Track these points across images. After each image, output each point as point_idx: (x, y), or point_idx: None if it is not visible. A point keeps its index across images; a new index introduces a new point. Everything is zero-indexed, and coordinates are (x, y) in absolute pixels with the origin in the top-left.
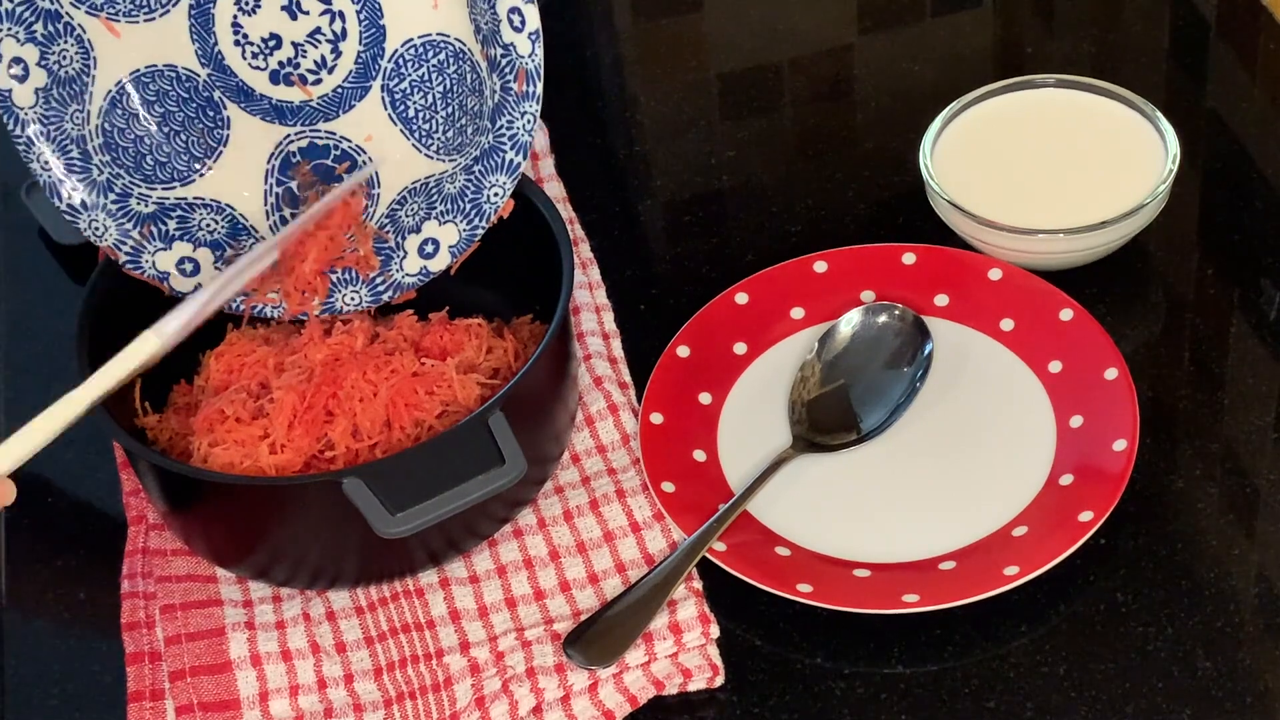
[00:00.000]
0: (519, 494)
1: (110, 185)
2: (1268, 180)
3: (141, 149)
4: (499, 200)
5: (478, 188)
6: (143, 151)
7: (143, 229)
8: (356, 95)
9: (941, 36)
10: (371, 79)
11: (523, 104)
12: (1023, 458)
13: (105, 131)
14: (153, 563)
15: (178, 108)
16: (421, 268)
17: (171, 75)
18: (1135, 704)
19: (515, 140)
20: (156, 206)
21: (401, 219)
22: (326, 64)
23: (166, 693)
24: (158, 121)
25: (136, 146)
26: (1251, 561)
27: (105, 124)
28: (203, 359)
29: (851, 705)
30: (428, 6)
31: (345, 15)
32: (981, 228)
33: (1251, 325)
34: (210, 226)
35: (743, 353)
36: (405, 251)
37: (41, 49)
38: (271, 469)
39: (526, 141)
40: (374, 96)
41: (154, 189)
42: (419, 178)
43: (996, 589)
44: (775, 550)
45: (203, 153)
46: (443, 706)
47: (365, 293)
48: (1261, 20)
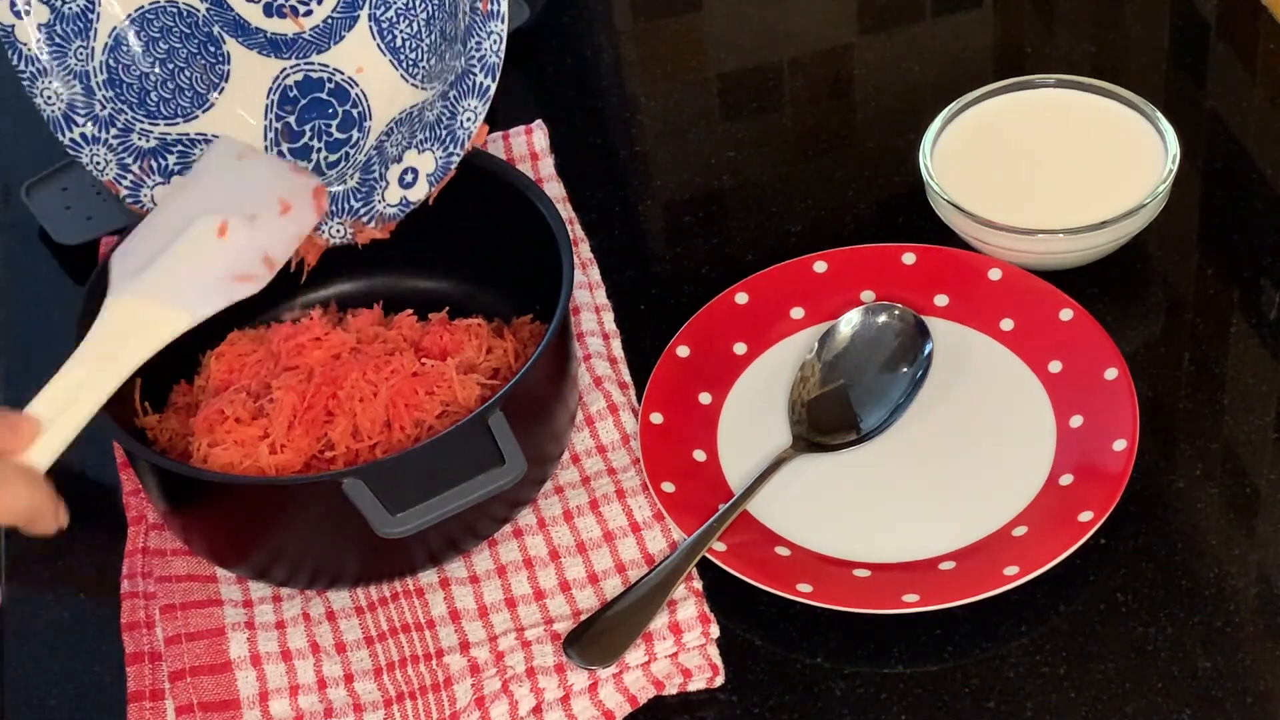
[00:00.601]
0: (519, 494)
1: (113, 120)
2: (1268, 180)
3: (145, 85)
4: (472, 126)
5: (452, 113)
6: (146, 88)
7: (143, 163)
8: (345, 25)
9: (941, 36)
10: (359, 8)
11: (489, 23)
12: (1023, 458)
13: (109, 68)
14: (153, 563)
15: (180, 44)
16: (401, 198)
17: (173, 11)
18: (1135, 704)
19: (484, 62)
20: (158, 142)
21: (387, 150)
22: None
23: (166, 693)
24: (161, 59)
25: (140, 83)
26: (1251, 561)
27: (110, 60)
28: (203, 359)
29: (851, 705)
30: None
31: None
32: (981, 228)
33: (1251, 325)
34: None
35: (743, 353)
36: (387, 182)
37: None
38: (271, 469)
39: (495, 63)
40: (362, 26)
41: (156, 124)
42: (405, 107)
43: (996, 589)
44: (775, 550)
45: (205, 89)
46: (443, 706)
47: (349, 224)
48: (1261, 20)
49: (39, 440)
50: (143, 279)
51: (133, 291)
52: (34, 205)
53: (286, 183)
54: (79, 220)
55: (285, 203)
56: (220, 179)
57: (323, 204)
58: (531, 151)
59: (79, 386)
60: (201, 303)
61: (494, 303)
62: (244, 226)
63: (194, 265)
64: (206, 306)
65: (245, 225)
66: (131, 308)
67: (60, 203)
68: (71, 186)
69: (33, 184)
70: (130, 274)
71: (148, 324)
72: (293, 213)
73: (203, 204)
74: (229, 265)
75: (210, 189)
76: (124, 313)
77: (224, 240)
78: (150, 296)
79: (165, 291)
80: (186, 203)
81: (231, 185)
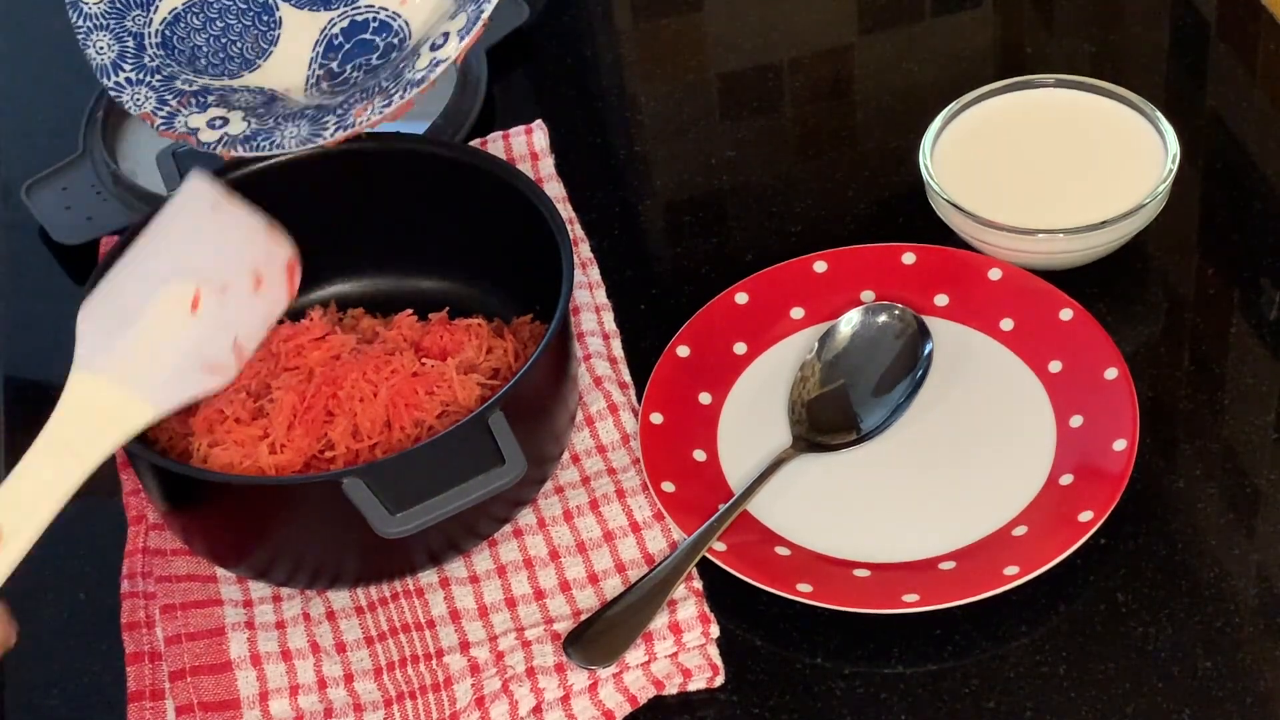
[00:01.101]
0: (519, 494)
1: (159, 70)
2: (1268, 180)
3: (197, 53)
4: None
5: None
6: (197, 56)
7: (182, 99)
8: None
9: (941, 36)
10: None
11: None
12: (1023, 458)
13: (165, 36)
14: (153, 563)
15: (235, 20)
16: (431, 60)
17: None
18: (1135, 704)
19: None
20: (200, 88)
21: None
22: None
23: (166, 693)
24: (215, 35)
25: (192, 51)
26: (1251, 561)
27: (165, 31)
28: None
29: (851, 705)
30: None
31: None
32: (981, 228)
33: (1251, 325)
34: (248, 100)
35: (743, 353)
36: (418, 54)
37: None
38: (271, 469)
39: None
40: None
41: (201, 78)
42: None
43: (996, 589)
44: (775, 550)
45: (255, 55)
46: (443, 706)
47: (379, 103)
48: (1261, 20)
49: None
50: (111, 354)
51: (96, 369)
52: (34, 205)
53: (260, 250)
54: (79, 220)
55: (258, 275)
56: (193, 236)
57: (295, 283)
58: (531, 151)
59: (40, 487)
60: (167, 395)
61: (494, 303)
62: (215, 299)
63: (163, 344)
64: (172, 399)
65: (216, 298)
66: (94, 387)
67: (60, 203)
68: (71, 186)
69: (33, 184)
70: (98, 344)
71: (110, 412)
72: (264, 290)
73: (173, 264)
74: (199, 348)
75: (182, 247)
76: (87, 392)
77: (194, 316)
78: (115, 378)
79: (130, 373)
80: (158, 261)
81: (204, 246)
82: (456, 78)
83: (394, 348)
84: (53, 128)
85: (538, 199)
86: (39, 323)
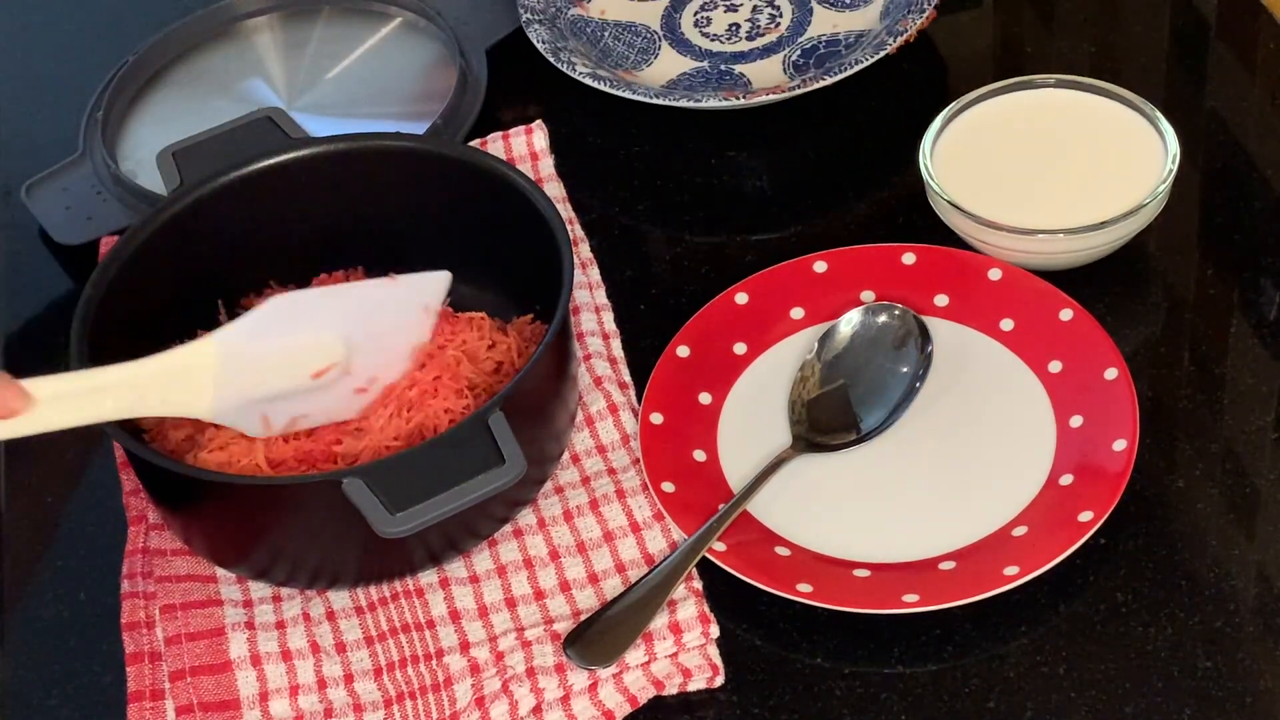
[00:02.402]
0: (519, 494)
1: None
2: (1268, 180)
3: (599, 47)
4: None
5: None
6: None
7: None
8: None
9: (941, 36)
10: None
11: None
12: (1023, 458)
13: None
14: (153, 563)
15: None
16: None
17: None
18: (1135, 704)
19: None
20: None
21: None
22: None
23: (166, 693)
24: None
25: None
26: (1251, 561)
27: (576, 27)
28: None
29: (851, 705)
30: None
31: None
32: (981, 228)
33: (1251, 325)
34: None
35: (743, 353)
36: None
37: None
38: (271, 469)
39: None
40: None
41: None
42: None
43: (996, 589)
44: (775, 550)
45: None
46: (443, 706)
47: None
48: (1261, 20)
49: (13, 420)
50: (242, 350)
51: (224, 350)
52: (34, 205)
53: (397, 368)
54: (79, 220)
55: (363, 384)
56: (389, 318)
57: (366, 403)
58: (531, 151)
59: (90, 396)
60: (224, 412)
61: (494, 302)
62: (330, 379)
63: (273, 378)
64: (223, 418)
65: (336, 374)
66: (206, 363)
67: (60, 203)
68: (71, 186)
69: (33, 184)
70: (250, 331)
71: (191, 389)
72: (356, 396)
73: (357, 327)
74: (276, 402)
75: (376, 320)
76: (199, 363)
77: (310, 381)
78: (221, 367)
79: (230, 374)
80: (356, 308)
81: (381, 334)
82: (457, 78)
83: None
84: (53, 128)
85: (538, 199)
86: (39, 323)
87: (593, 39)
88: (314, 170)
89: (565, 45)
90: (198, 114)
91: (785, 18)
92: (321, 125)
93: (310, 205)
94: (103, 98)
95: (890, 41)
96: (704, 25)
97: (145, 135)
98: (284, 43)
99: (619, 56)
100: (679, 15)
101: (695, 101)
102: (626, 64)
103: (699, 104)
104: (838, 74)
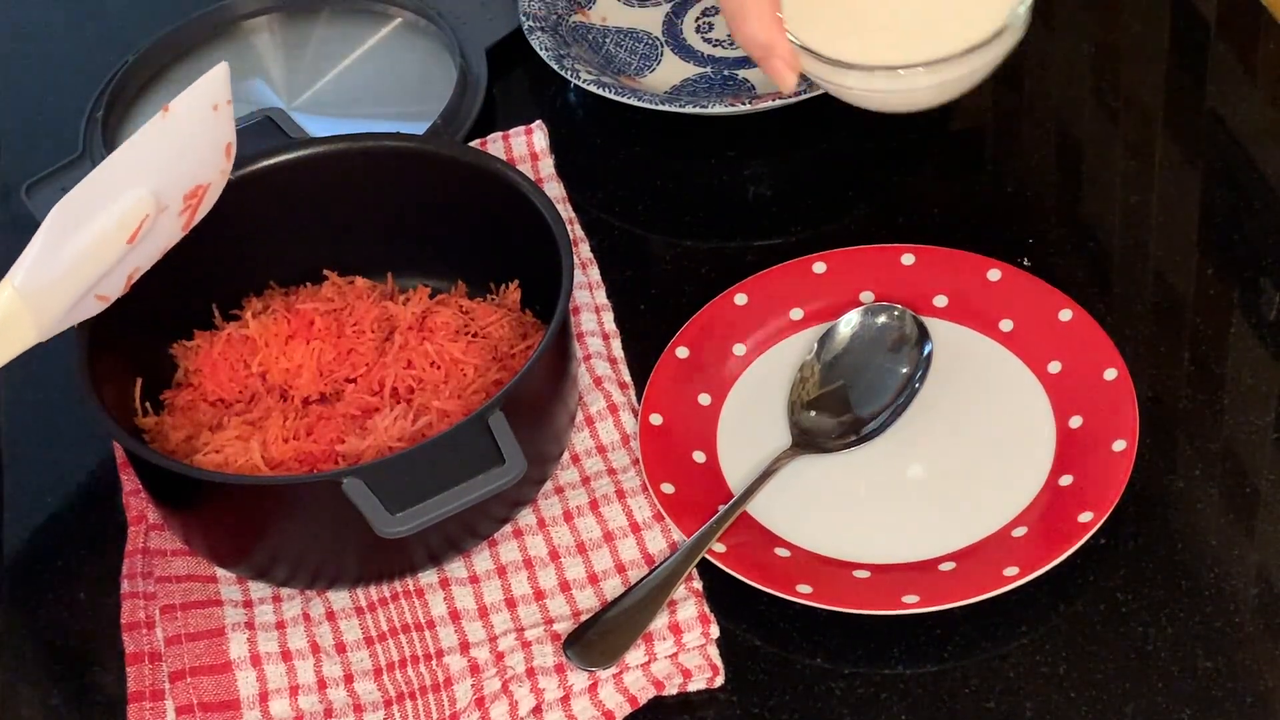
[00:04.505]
0: (519, 494)
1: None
2: (1268, 180)
3: (601, 53)
4: None
5: None
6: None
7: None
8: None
9: None
10: None
11: None
12: (1023, 458)
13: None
14: (153, 563)
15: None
16: None
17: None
18: (1135, 704)
19: None
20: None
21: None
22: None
23: (166, 693)
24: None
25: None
26: (1251, 561)
27: (578, 34)
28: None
29: (851, 705)
30: None
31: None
32: (841, 71)
33: (1251, 325)
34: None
35: (742, 354)
36: None
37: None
38: (271, 469)
39: None
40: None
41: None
42: None
43: (996, 589)
44: (775, 551)
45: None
46: (443, 706)
47: None
48: (1261, 20)
49: None
50: (39, 270)
51: (26, 288)
52: (34, 205)
53: (210, 171)
54: None
55: (188, 199)
56: (185, 138)
57: (198, 214)
58: (531, 151)
59: None
60: (56, 324)
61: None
62: (150, 225)
63: (87, 273)
64: (58, 328)
65: (151, 224)
66: (11, 307)
67: None
68: (71, 186)
69: (33, 184)
70: (41, 255)
71: (7, 335)
72: (180, 215)
73: (148, 169)
74: (106, 277)
75: (168, 150)
76: (9, 303)
77: (128, 247)
78: (32, 299)
79: (41, 295)
80: (136, 155)
81: (183, 154)
82: (456, 78)
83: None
84: (53, 128)
85: (538, 199)
86: None
87: (595, 45)
88: (314, 170)
89: (568, 52)
90: None
91: None
92: (321, 125)
93: (310, 205)
94: (103, 98)
95: None
96: (706, 31)
97: None
98: (284, 43)
99: (621, 63)
100: (680, 21)
101: (702, 108)
102: (629, 70)
103: (706, 110)
104: None
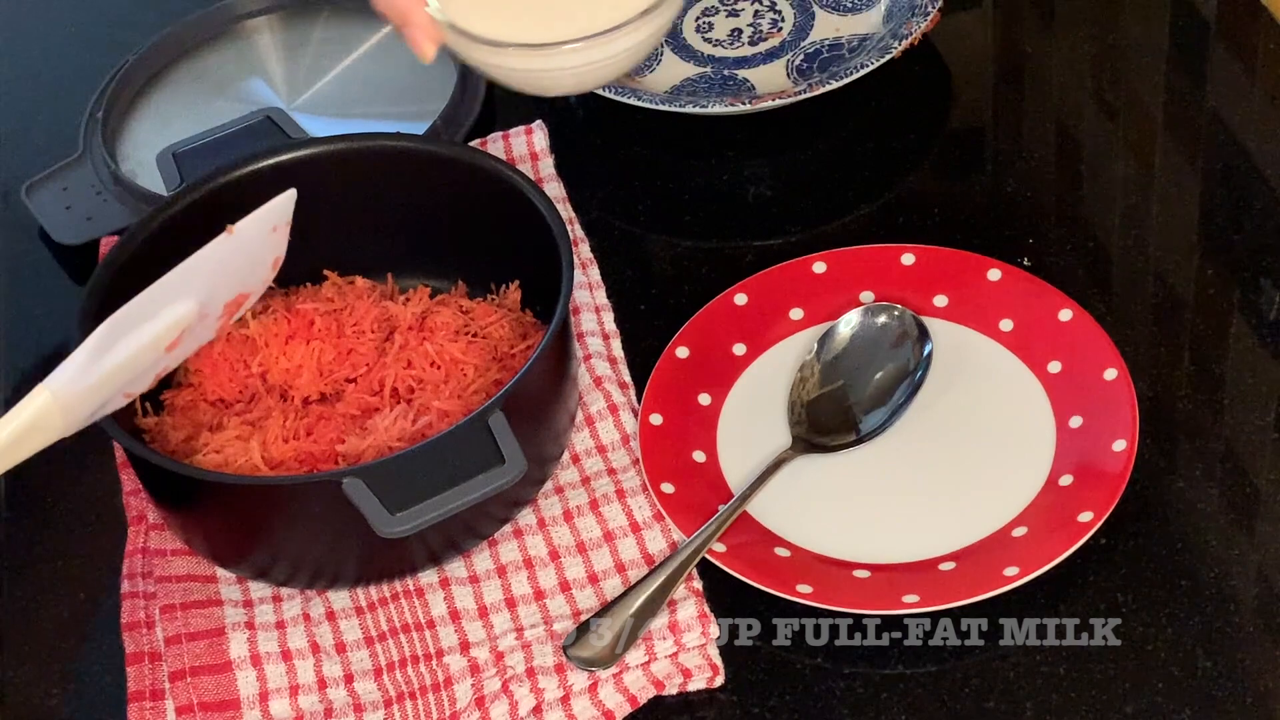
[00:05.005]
0: (519, 494)
1: None
2: (1268, 180)
3: None
4: None
5: None
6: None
7: None
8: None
9: (941, 37)
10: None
11: None
12: (1023, 458)
13: None
14: (153, 563)
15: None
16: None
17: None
18: (1135, 704)
19: None
20: None
21: None
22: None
23: (166, 693)
24: None
25: None
26: (1251, 561)
27: None
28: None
29: (851, 705)
30: None
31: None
32: (496, 51)
33: (1251, 325)
34: None
35: (742, 353)
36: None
37: None
38: (271, 469)
39: None
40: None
41: None
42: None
43: (996, 589)
44: (775, 551)
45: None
46: (443, 706)
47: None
48: (1261, 20)
49: None
50: (87, 381)
51: (64, 391)
52: (34, 205)
53: (255, 283)
54: (79, 220)
55: (229, 308)
56: (236, 253)
57: (229, 321)
58: (531, 151)
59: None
60: (84, 423)
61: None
62: (189, 333)
63: (120, 379)
64: (84, 424)
65: (190, 332)
66: (45, 408)
67: (60, 203)
68: (71, 186)
69: (33, 184)
70: (90, 361)
71: (36, 435)
72: (218, 322)
73: (195, 284)
74: (136, 377)
75: (215, 265)
76: (36, 412)
77: (166, 355)
78: (67, 402)
79: (80, 402)
80: (188, 275)
81: (230, 267)
82: (457, 78)
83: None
84: (53, 128)
85: (538, 199)
86: (39, 323)
87: None
88: (314, 170)
89: None
90: (198, 114)
91: (787, 22)
92: (321, 125)
93: (310, 205)
94: (103, 98)
95: (895, 45)
96: (706, 30)
97: (145, 135)
98: (284, 43)
99: None
100: (680, 21)
101: (702, 108)
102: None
103: (706, 110)
104: (844, 78)
